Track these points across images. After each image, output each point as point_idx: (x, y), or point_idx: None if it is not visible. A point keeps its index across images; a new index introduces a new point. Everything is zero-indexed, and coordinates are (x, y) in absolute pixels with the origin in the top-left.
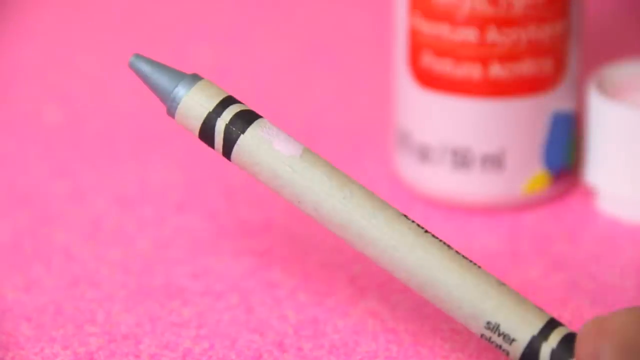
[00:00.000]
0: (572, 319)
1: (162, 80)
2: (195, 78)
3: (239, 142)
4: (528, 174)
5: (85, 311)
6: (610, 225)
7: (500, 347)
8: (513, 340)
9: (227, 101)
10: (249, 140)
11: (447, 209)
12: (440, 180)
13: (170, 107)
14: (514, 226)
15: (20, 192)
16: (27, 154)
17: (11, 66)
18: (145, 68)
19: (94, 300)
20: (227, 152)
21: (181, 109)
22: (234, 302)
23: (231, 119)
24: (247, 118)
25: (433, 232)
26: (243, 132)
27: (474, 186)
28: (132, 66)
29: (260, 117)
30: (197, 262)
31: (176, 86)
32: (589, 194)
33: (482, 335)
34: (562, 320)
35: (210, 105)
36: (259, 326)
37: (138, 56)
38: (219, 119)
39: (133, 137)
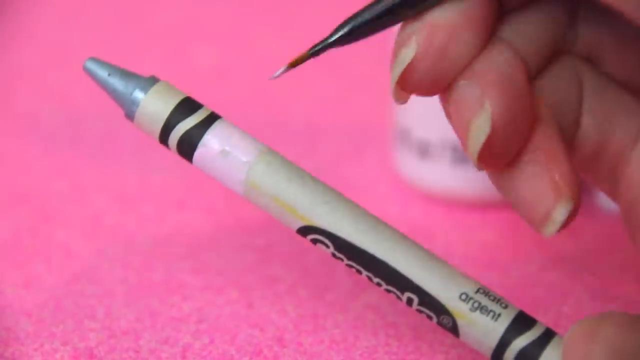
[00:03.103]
0: (572, 314)
1: (118, 83)
2: (153, 80)
3: (200, 145)
4: None
5: (85, 307)
6: (610, 220)
7: (491, 312)
8: (507, 305)
9: (186, 102)
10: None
11: (447, 205)
12: (440, 176)
13: (129, 111)
14: (513, 221)
15: (20, 189)
16: (27, 152)
17: (11, 65)
18: (101, 72)
19: (94, 296)
20: (188, 156)
21: (140, 112)
22: (234, 297)
23: (191, 122)
24: (207, 120)
25: (433, 228)
26: (202, 136)
27: (473, 182)
28: (86, 70)
29: (220, 117)
30: (197, 257)
31: (134, 89)
32: (588, 189)
33: (465, 297)
34: (562, 316)
35: (169, 107)
36: (259, 321)
37: (93, 60)
38: (179, 123)
39: (133, 134)
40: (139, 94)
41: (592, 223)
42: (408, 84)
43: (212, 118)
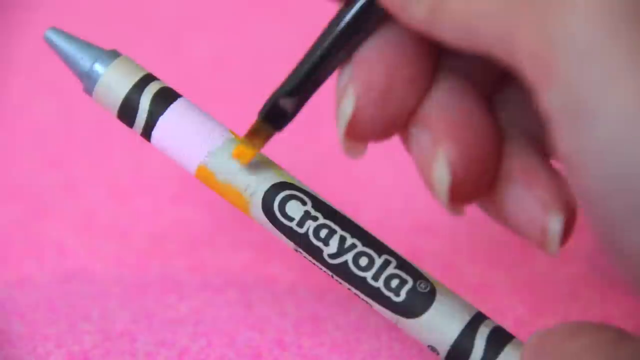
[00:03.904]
0: (581, 314)
1: (78, 56)
2: (114, 54)
3: (158, 123)
4: None
5: (79, 307)
6: None
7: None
8: None
9: (147, 79)
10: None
11: None
12: None
13: (88, 85)
14: None
15: (11, 184)
16: (19, 145)
17: (3, 57)
18: (61, 43)
19: (88, 296)
20: (147, 133)
21: (99, 87)
22: (233, 298)
23: (151, 99)
24: (166, 97)
25: (439, 223)
26: (162, 112)
27: None
28: (47, 40)
29: (180, 96)
30: (194, 255)
31: (94, 62)
32: None
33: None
34: (571, 315)
35: (129, 83)
36: (258, 323)
37: (54, 30)
38: (140, 98)
39: (127, 127)
40: (99, 68)
41: None
42: (358, 135)
43: (172, 96)
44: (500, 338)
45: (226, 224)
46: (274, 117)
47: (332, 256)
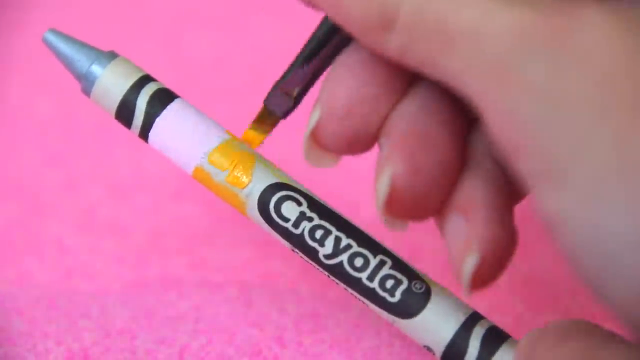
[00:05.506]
0: (580, 312)
1: (76, 57)
2: (112, 55)
3: (155, 124)
4: None
5: (79, 305)
6: None
7: None
8: None
9: (144, 80)
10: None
11: None
12: None
13: (86, 86)
14: (519, 216)
15: (11, 183)
16: (19, 143)
17: (4, 55)
18: (59, 44)
19: (88, 294)
20: (144, 134)
21: (97, 88)
22: (233, 295)
23: (148, 100)
24: (163, 98)
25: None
26: (159, 114)
27: None
28: (45, 41)
29: (177, 97)
30: (194, 253)
31: (92, 64)
32: None
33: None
34: (571, 315)
35: (126, 84)
36: (258, 320)
37: (53, 31)
38: (137, 99)
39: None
40: (96, 70)
41: None
42: (322, 146)
43: (169, 97)
44: (495, 338)
45: (226, 222)
46: (278, 105)
47: (327, 257)
